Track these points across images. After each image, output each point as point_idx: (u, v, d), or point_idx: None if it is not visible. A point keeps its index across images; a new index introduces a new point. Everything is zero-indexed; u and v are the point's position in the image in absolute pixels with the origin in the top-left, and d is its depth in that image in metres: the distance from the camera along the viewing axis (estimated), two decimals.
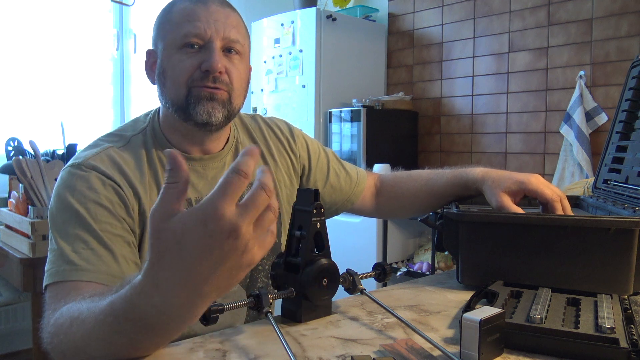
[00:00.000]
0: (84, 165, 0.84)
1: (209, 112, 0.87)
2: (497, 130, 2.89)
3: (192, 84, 0.86)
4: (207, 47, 0.86)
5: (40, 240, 1.80)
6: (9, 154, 2.25)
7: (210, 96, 0.87)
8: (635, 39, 2.39)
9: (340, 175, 1.14)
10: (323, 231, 0.75)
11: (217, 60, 0.85)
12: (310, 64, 2.98)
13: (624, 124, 1.10)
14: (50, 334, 0.67)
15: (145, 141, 0.92)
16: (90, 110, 3.00)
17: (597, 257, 0.79)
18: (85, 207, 0.80)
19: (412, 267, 2.77)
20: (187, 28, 0.85)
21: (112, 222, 0.81)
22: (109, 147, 0.89)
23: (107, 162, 0.86)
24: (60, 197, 0.82)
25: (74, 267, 0.76)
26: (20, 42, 2.74)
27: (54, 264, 0.78)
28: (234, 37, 0.88)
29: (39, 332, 0.71)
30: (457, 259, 0.90)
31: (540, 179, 0.95)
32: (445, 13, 3.11)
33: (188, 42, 0.86)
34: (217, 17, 0.87)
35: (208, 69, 0.85)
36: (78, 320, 0.62)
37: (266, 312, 0.66)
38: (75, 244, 0.78)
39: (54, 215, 0.82)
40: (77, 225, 0.79)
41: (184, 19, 0.86)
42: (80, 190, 0.81)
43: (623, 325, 0.62)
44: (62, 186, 0.83)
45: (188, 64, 0.86)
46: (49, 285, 0.77)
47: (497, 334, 0.59)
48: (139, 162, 0.89)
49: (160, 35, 0.90)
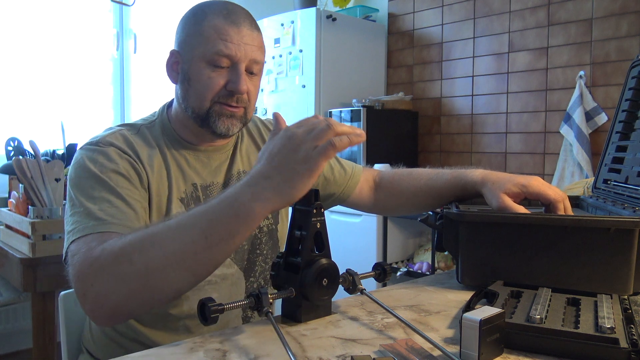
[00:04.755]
0: (101, 142, 0.91)
1: (228, 127, 0.95)
2: (497, 130, 2.89)
3: (217, 99, 0.93)
4: (234, 68, 0.92)
5: (40, 240, 1.80)
6: (9, 154, 2.25)
7: (231, 114, 0.94)
8: (635, 39, 2.39)
9: (334, 168, 1.16)
10: (323, 231, 0.75)
11: (243, 83, 0.92)
12: (310, 64, 2.98)
13: (623, 124, 1.10)
14: (98, 267, 0.71)
15: (154, 132, 0.99)
16: (90, 110, 3.00)
17: (597, 257, 0.79)
18: (107, 176, 0.86)
19: (412, 267, 2.77)
20: (218, 47, 0.90)
21: (131, 188, 0.87)
22: (122, 129, 0.96)
23: (122, 141, 0.93)
24: (83, 167, 0.88)
25: (101, 222, 0.80)
26: (20, 42, 2.74)
27: (79, 223, 0.81)
28: (259, 59, 0.95)
29: (69, 277, 0.76)
30: (457, 259, 0.90)
31: (541, 181, 0.96)
32: (445, 13, 3.11)
33: (218, 60, 0.91)
34: (247, 40, 0.93)
35: (233, 90, 0.92)
36: (152, 239, 0.70)
37: (266, 312, 0.66)
38: (102, 204, 0.83)
39: (77, 183, 0.86)
40: (101, 189, 0.85)
41: (216, 36, 0.91)
42: (101, 162, 0.88)
43: (623, 325, 0.62)
44: (83, 159, 0.89)
45: (215, 82, 0.92)
46: (76, 239, 0.79)
47: (497, 334, 0.59)
48: (148, 147, 0.95)
49: (188, 43, 0.94)
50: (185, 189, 0.96)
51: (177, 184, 0.95)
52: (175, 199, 0.94)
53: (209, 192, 0.99)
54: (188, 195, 0.96)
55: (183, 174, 0.96)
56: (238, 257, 1.00)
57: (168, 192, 0.94)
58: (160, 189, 0.93)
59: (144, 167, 0.92)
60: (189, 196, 0.96)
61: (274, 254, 1.05)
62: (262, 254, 1.04)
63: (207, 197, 0.98)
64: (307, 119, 0.72)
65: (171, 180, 0.94)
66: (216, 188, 1.00)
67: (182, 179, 0.96)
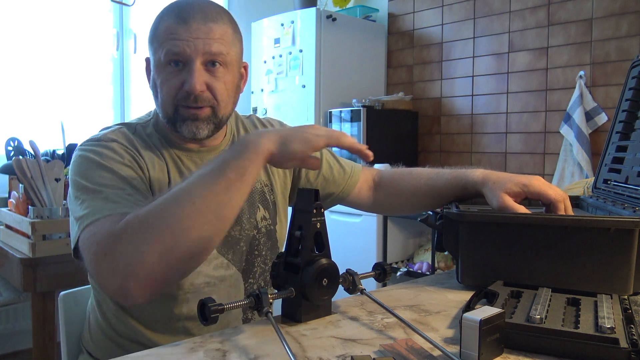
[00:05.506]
0: (104, 139, 0.91)
1: (194, 131, 0.92)
2: (497, 130, 2.89)
3: (178, 102, 0.91)
4: (188, 67, 0.89)
5: (40, 240, 1.80)
6: (9, 154, 2.25)
7: (194, 117, 0.91)
8: (635, 39, 2.39)
9: (333, 167, 1.16)
10: (323, 231, 0.75)
11: (195, 81, 0.88)
12: (310, 64, 2.98)
13: (624, 124, 1.10)
14: (126, 235, 0.72)
15: (148, 131, 0.99)
16: (90, 110, 3.00)
17: (597, 257, 0.79)
18: (114, 166, 0.87)
19: (412, 267, 2.77)
20: (168, 47, 0.89)
21: (138, 179, 0.88)
22: (122, 127, 0.96)
23: (123, 137, 0.93)
24: (88, 159, 0.87)
25: (118, 204, 0.80)
26: (20, 42, 2.74)
27: (94, 207, 0.80)
28: (215, 50, 0.90)
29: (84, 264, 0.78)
30: (457, 259, 0.90)
31: (541, 181, 0.95)
32: (445, 13, 3.11)
33: (170, 60, 0.89)
34: (198, 34, 0.89)
35: (188, 90, 0.89)
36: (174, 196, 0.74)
37: (266, 312, 0.66)
38: (114, 189, 0.83)
39: (84, 174, 0.85)
40: (111, 178, 0.85)
41: (166, 37, 0.89)
42: (107, 155, 0.88)
43: (623, 325, 0.62)
44: (86, 153, 0.88)
45: (172, 83, 0.90)
46: (92, 222, 0.78)
47: (497, 334, 0.59)
48: (146, 146, 0.96)
49: (150, 49, 0.94)
50: None
51: (175, 182, 0.95)
52: None
53: None
54: None
55: (180, 173, 0.96)
56: (236, 258, 0.99)
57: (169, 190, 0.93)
58: (161, 186, 0.93)
59: (145, 163, 0.92)
60: None
61: (273, 255, 1.05)
62: (260, 254, 1.03)
63: None
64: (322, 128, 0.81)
65: (170, 178, 0.94)
66: None
67: (179, 178, 0.96)
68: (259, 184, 1.05)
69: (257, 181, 1.05)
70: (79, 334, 1.11)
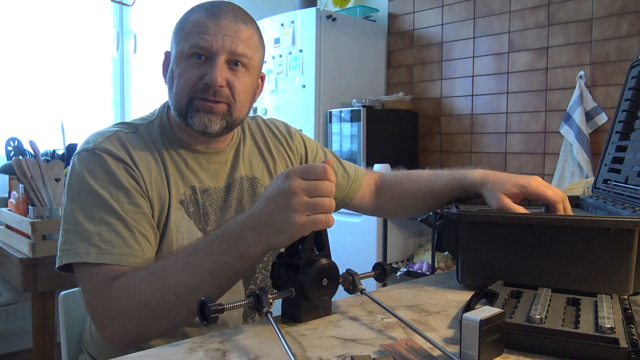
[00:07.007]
0: (97, 149, 0.88)
1: (205, 123, 0.90)
2: (497, 130, 2.89)
3: (194, 94, 0.90)
4: (211, 60, 0.89)
5: (40, 240, 1.80)
6: (9, 154, 2.25)
7: (209, 109, 0.90)
8: (635, 39, 2.39)
9: (337, 172, 1.15)
10: (323, 231, 0.75)
11: (217, 74, 0.88)
12: (310, 64, 2.98)
13: (623, 124, 1.10)
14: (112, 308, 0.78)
15: (152, 132, 0.96)
16: (90, 110, 3.00)
17: (597, 257, 0.79)
18: (108, 191, 0.85)
19: (412, 267, 2.77)
20: (195, 39, 0.89)
21: (134, 202, 0.86)
22: (119, 131, 0.93)
23: (118, 145, 0.90)
24: (81, 180, 0.86)
25: (100, 251, 0.81)
26: (20, 42, 2.74)
27: (74, 245, 0.82)
28: (241, 51, 0.91)
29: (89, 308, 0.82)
30: (457, 259, 0.90)
31: (540, 181, 0.95)
32: (445, 13, 3.10)
33: (195, 53, 0.89)
34: (227, 31, 0.89)
35: (208, 82, 0.89)
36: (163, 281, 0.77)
37: (266, 312, 0.66)
38: (100, 226, 0.83)
39: (76, 197, 0.86)
40: (100, 209, 0.84)
41: (195, 30, 0.89)
42: (101, 175, 0.86)
43: (623, 325, 0.62)
44: (81, 170, 0.87)
45: (192, 74, 0.90)
46: (76, 265, 0.83)
47: (497, 334, 0.59)
48: (145, 149, 0.93)
49: (174, 41, 0.94)
50: (184, 191, 0.94)
51: (176, 186, 0.93)
52: (175, 201, 0.92)
53: (207, 196, 0.96)
54: (187, 197, 0.94)
55: (182, 176, 0.94)
56: None
57: (168, 195, 0.91)
58: (160, 191, 0.91)
59: (140, 172, 0.89)
60: (188, 199, 0.94)
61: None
62: (262, 260, 1.01)
63: (205, 201, 0.96)
64: (313, 167, 0.73)
65: (170, 182, 0.92)
66: (217, 193, 0.98)
67: (180, 181, 0.94)
68: (262, 188, 1.04)
69: (261, 185, 1.04)
70: (79, 334, 1.11)
